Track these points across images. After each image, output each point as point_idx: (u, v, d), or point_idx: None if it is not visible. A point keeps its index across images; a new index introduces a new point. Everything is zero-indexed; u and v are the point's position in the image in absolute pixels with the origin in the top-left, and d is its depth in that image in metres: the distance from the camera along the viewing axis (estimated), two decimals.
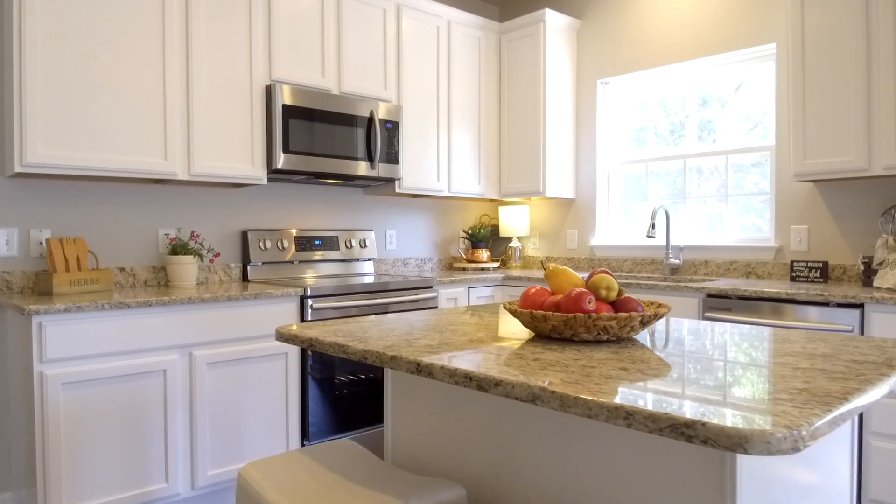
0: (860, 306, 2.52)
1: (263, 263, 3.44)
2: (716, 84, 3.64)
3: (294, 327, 1.61)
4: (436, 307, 3.45)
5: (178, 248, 3.03)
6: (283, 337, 1.59)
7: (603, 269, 1.56)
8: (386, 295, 3.23)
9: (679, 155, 3.80)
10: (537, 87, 4.06)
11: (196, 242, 3.18)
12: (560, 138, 4.14)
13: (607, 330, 1.37)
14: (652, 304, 1.58)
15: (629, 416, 0.90)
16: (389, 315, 1.89)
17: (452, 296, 3.59)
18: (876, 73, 2.72)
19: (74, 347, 2.33)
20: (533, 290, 1.52)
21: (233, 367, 2.74)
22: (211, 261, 3.22)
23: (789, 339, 1.47)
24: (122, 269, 3.01)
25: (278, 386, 2.88)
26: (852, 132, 2.78)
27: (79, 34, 2.59)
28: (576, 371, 1.12)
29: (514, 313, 1.47)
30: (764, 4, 3.37)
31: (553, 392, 0.99)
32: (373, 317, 1.86)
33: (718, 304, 2.89)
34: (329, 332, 1.56)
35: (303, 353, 2.94)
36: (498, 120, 4.29)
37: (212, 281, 3.29)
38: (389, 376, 1.72)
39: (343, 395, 3.05)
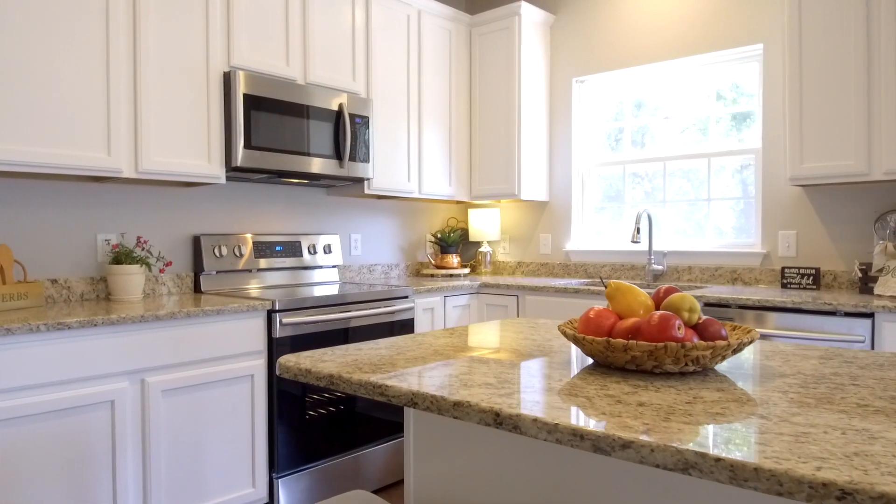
0: (870, 316, 2.43)
1: (218, 272, 3.07)
2: (697, 85, 3.53)
3: (305, 361, 1.31)
4: (412, 318, 3.18)
5: (122, 257, 2.64)
6: (291, 372, 1.29)
7: (670, 285, 1.34)
8: (360, 307, 2.93)
9: (658, 157, 3.67)
10: (512, 85, 3.84)
11: (143, 250, 2.79)
12: (533, 138, 3.94)
13: (698, 360, 1.16)
14: (725, 324, 1.38)
15: (846, 497, 0.67)
16: (404, 338, 1.61)
17: (428, 305, 3.32)
18: (877, 74, 2.64)
19: (3, 378, 1.92)
20: (594, 313, 1.29)
21: (192, 394, 2.38)
22: (161, 271, 2.82)
23: (880, 360, 1.30)
24: (54, 282, 2.59)
25: (244, 412, 2.54)
26: (852, 135, 2.70)
27: (1, 6, 2.17)
28: (708, 422, 0.89)
29: (578, 341, 1.23)
30: (750, 5, 3.28)
31: (719, 460, 0.75)
32: (385, 340, 1.57)
33: (718, 313, 2.75)
34: (350, 366, 1.27)
35: (270, 374, 2.61)
36: (468, 118, 4.05)
37: (159, 293, 2.89)
38: (412, 415, 1.44)
39: (314, 418, 2.73)
